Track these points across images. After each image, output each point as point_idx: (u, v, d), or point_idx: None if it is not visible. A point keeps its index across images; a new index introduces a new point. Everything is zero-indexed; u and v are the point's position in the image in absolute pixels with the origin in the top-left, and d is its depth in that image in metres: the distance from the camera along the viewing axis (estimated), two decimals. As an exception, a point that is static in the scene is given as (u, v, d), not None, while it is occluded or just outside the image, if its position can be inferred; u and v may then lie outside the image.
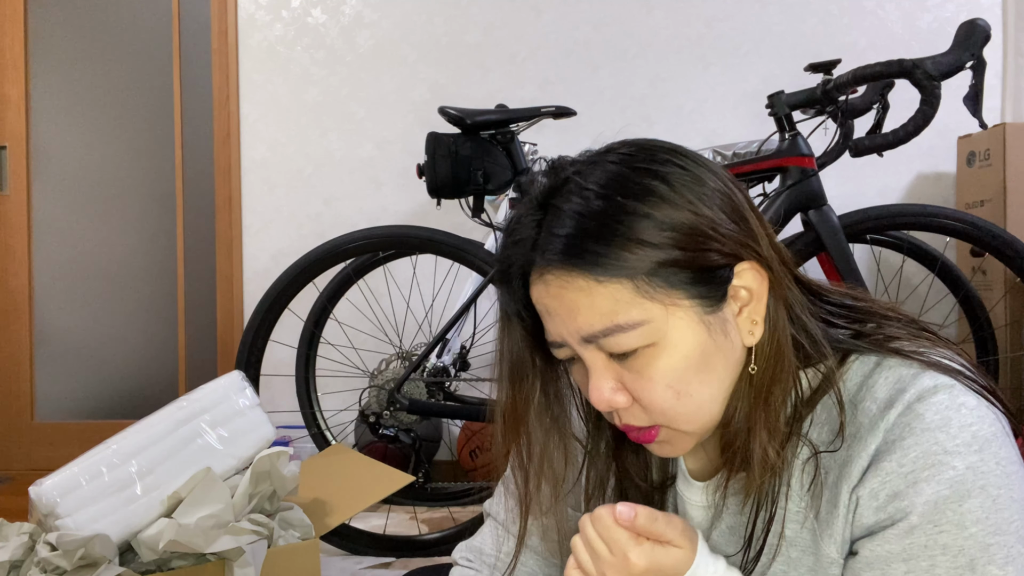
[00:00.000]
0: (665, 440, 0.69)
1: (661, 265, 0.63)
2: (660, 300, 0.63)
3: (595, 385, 0.66)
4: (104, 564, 1.15)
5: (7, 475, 2.91)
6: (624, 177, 0.65)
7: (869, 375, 0.66)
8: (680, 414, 0.66)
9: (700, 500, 0.75)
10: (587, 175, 0.66)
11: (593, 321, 0.64)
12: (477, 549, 0.88)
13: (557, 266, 0.64)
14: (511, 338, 0.73)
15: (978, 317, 2.07)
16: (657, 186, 0.64)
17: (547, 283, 0.66)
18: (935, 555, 0.60)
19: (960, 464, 0.60)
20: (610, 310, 0.63)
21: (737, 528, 0.72)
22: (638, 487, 0.77)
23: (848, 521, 0.64)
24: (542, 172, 0.70)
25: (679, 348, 0.64)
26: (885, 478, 0.62)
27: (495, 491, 0.90)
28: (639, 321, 0.63)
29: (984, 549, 0.59)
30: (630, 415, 0.67)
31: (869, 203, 2.56)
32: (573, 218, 0.64)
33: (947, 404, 0.61)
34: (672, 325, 0.64)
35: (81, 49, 2.98)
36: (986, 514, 0.59)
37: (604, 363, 0.66)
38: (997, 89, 2.63)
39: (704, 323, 0.65)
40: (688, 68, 2.72)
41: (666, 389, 0.65)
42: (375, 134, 2.80)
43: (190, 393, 1.38)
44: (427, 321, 2.65)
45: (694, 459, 0.77)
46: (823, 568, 0.66)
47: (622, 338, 0.64)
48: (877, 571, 0.62)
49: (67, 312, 2.99)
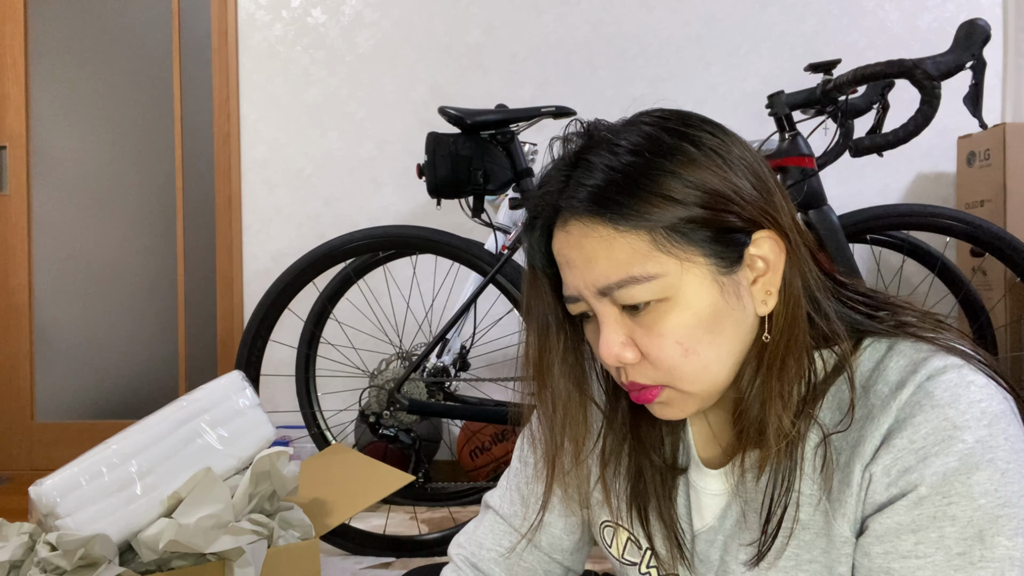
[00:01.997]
0: (666, 401, 0.70)
1: (682, 221, 0.64)
2: (676, 255, 0.65)
3: (606, 339, 0.67)
4: (104, 564, 1.15)
5: (7, 475, 2.91)
6: (656, 137, 0.66)
7: (881, 359, 0.67)
8: (686, 372, 0.67)
9: (714, 487, 0.75)
10: (620, 135, 0.68)
11: (609, 272, 0.65)
12: (478, 543, 0.88)
13: (581, 214, 0.66)
14: (536, 290, 0.75)
15: (978, 317, 2.07)
16: (687, 147, 0.66)
17: (569, 232, 0.67)
18: (944, 526, 0.60)
19: (970, 438, 0.60)
20: (627, 261, 0.65)
21: (749, 515, 0.72)
22: (652, 463, 0.77)
23: (860, 499, 0.65)
24: (576, 132, 0.71)
25: (691, 305, 0.65)
26: (897, 455, 0.62)
27: (499, 483, 0.90)
28: (654, 274, 0.65)
29: (993, 520, 0.60)
30: (637, 372, 0.68)
31: (869, 203, 2.56)
32: (602, 170, 0.66)
33: (956, 382, 0.62)
34: (686, 281, 0.65)
35: (81, 49, 2.98)
36: (995, 486, 0.60)
37: (616, 317, 0.67)
38: (997, 89, 2.63)
39: (718, 283, 0.66)
40: (688, 68, 2.72)
41: (675, 345, 0.66)
42: (375, 134, 2.81)
43: (190, 393, 1.38)
44: (427, 321, 2.65)
45: (706, 447, 0.77)
46: (836, 548, 0.66)
47: (636, 290, 0.65)
48: (887, 544, 0.63)
49: (67, 312, 2.99)
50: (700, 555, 0.75)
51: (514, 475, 0.88)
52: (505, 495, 0.88)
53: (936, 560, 0.61)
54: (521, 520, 0.86)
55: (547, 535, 0.86)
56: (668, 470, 0.77)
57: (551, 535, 0.86)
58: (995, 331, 2.11)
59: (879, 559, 0.63)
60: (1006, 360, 2.23)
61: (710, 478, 0.75)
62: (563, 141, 0.72)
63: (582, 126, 0.71)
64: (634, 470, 0.78)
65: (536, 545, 0.86)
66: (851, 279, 0.74)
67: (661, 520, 0.76)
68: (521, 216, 2.40)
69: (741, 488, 0.72)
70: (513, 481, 0.88)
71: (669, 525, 0.76)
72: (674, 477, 0.77)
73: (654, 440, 0.78)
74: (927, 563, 0.61)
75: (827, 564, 0.67)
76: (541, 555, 0.86)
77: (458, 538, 0.90)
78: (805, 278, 0.69)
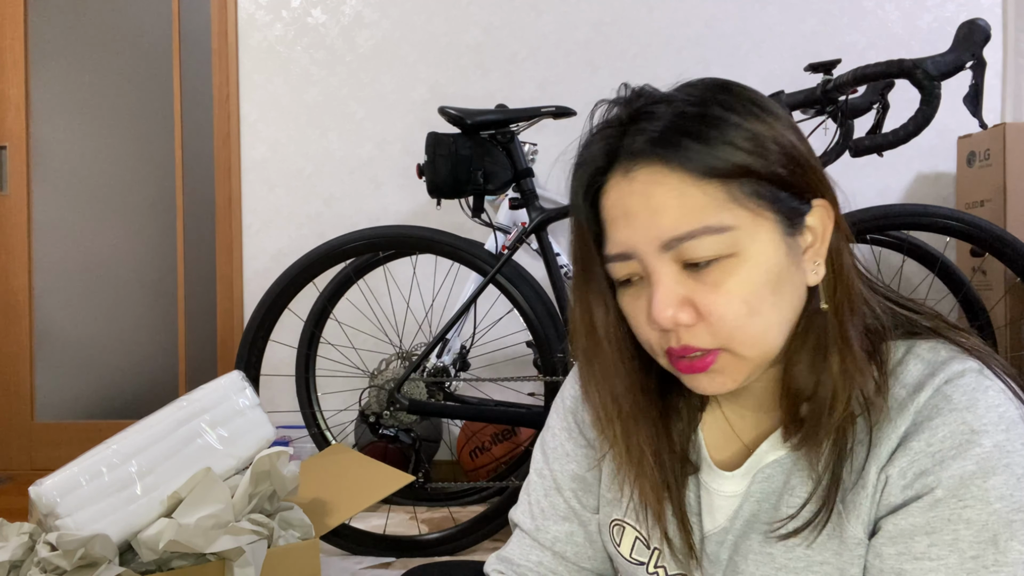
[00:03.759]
0: (720, 368, 0.66)
1: (759, 175, 0.62)
2: (751, 209, 0.63)
3: (662, 297, 0.63)
4: (104, 564, 1.15)
5: (7, 475, 2.91)
6: (721, 92, 0.65)
7: (899, 362, 0.67)
8: (749, 335, 0.64)
9: (728, 489, 0.74)
10: (679, 91, 0.66)
11: (681, 222, 0.62)
12: (507, 559, 0.87)
13: (651, 159, 0.63)
14: (582, 241, 0.70)
15: (978, 317, 2.07)
16: (754, 108, 0.64)
17: (632, 179, 0.64)
18: (958, 529, 0.60)
19: (987, 442, 0.60)
20: (701, 210, 0.62)
21: (759, 515, 0.71)
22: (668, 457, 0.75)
23: (875, 501, 0.64)
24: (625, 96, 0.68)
25: (760, 262, 0.63)
26: (914, 457, 0.62)
27: (519, 499, 0.90)
28: (728, 225, 0.62)
29: (1007, 525, 0.59)
30: (691, 334, 0.64)
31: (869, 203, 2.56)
32: (670, 117, 0.63)
33: (974, 386, 0.62)
34: (757, 238, 0.63)
35: (81, 49, 2.98)
36: (1011, 491, 0.59)
37: (675, 275, 0.64)
38: (997, 89, 2.63)
39: (785, 243, 0.64)
40: (688, 68, 2.72)
41: (742, 303, 0.63)
42: (375, 134, 2.81)
43: (190, 393, 1.38)
44: (427, 321, 2.65)
45: (720, 449, 0.76)
46: (848, 550, 0.66)
47: (708, 242, 0.62)
48: (900, 545, 0.62)
49: (67, 312, 2.99)
50: (710, 556, 0.75)
51: (533, 488, 0.87)
52: (526, 510, 0.87)
53: (949, 563, 0.60)
54: (544, 533, 0.85)
55: (571, 545, 0.85)
56: (683, 465, 0.76)
57: (575, 544, 0.85)
58: (995, 331, 2.11)
59: (891, 560, 0.63)
60: (1006, 360, 2.23)
61: (724, 480, 0.74)
62: (610, 105, 0.68)
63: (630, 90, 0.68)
64: (650, 462, 0.75)
65: (563, 556, 0.85)
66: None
67: (675, 514, 0.75)
68: (521, 216, 2.40)
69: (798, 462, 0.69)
70: (533, 495, 0.87)
71: (681, 520, 0.75)
72: (687, 473, 0.77)
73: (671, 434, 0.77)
74: (940, 565, 0.60)
75: (839, 566, 0.66)
76: (570, 565, 0.86)
77: (492, 556, 0.90)
78: (851, 256, 0.68)
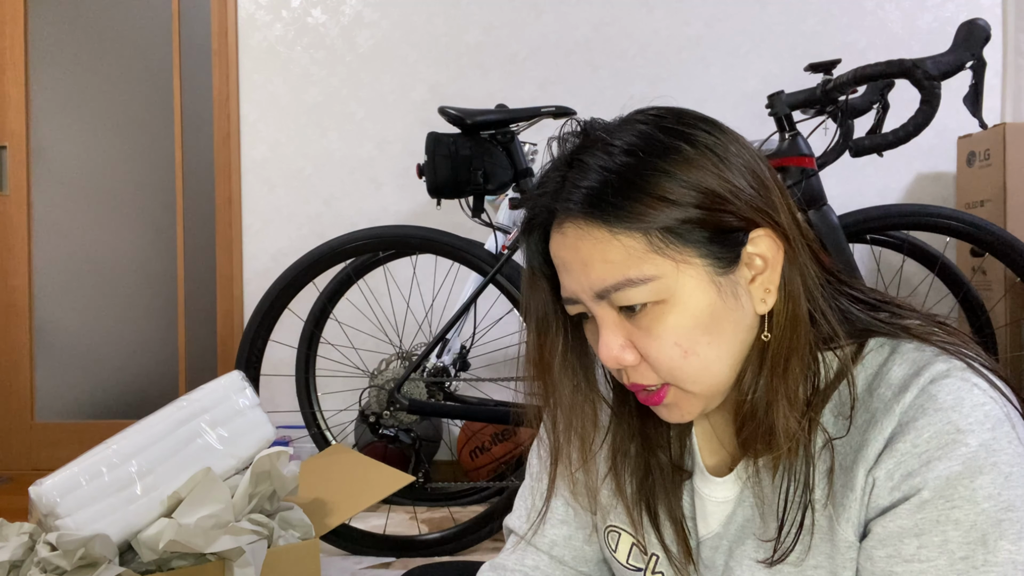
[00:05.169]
0: (672, 402, 0.69)
1: (677, 222, 0.64)
2: (672, 256, 0.64)
3: (605, 342, 0.67)
4: (104, 564, 1.15)
5: (7, 475, 2.91)
6: (651, 136, 0.66)
7: (884, 362, 0.67)
8: (687, 373, 0.67)
9: (720, 495, 0.74)
10: (615, 134, 0.67)
11: (605, 274, 0.65)
12: (500, 566, 0.87)
13: (576, 215, 0.66)
14: (535, 291, 0.75)
15: (978, 317, 2.07)
16: (682, 147, 0.65)
17: (564, 234, 0.67)
18: (947, 530, 0.60)
19: (973, 442, 0.60)
20: (622, 263, 0.64)
21: (767, 516, 0.71)
22: (660, 461, 0.77)
23: (864, 503, 0.64)
24: (572, 132, 0.71)
25: (688, 306, 0.65)
26: (900, 459, 0.62)
27: (515, 505, 0.90)
28: (650, 276, 0.64)
29: (996, 524, 0.59)
30: (638, 374, 0.68)
31: (869, 203, 2.56)
32: (597, 171, 0.65)
33: (959, 385, 0.62)
34: (682, 283, 0.65)
35: (81, 49, 2.98)
36: (998, 490, 0.59)
37: (615, 320, 0.67)
38: (997, 89, 2.63)
39: (715, 284, 0.65)
40: (688, 68, 2.72)
41: (674, 347, 0.66)
42: (375, 134, 2.81)
43: (190, 393, 1.38)
44: (427, 321, 2.65)
45: (711, 454, 0.77)
46: (840, 552, 0.66)
47: (632, 292, 0.65)
48: (890, 548, 0.62)
49: (67, 312, 2.99)
50: (706, 561, 0.75)
51: (528, 493, 0.88)
52: (523, 515, 0.87)
53: (939, 564, 0.60)
54: (542, 537, 0.85)
55: (570, 549, 0.85)
56: (675, 470, 0.77)
57: (573, 547, 0.85)
58: (995, 331, 2.11)
59: (882, 563, 0.63)
60: (1006, 360, 2.23)
61: (716, 486, 0.75)
62: (560, 141, 0.71)
63: (578, 125, 0.71)
64: (642, 469, 0.77)
65: (561, 560, 0.85)
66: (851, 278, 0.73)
67: (670, 518, 0.76)
68: (521, 216, 2.40)
69: (757, 489, 0.72)
70: (527, 500, 0.87)
71: (677, 525, 0.75)
72: (681, 479, 0.77)
73: (661, 439, 0.78)
74: (930, 567, 0.60)
75: (832, 569, 0.66)
76: (568, 569, 0.85)
77: (485, 564, 0.90)
78: (805, 276, 0.68)
